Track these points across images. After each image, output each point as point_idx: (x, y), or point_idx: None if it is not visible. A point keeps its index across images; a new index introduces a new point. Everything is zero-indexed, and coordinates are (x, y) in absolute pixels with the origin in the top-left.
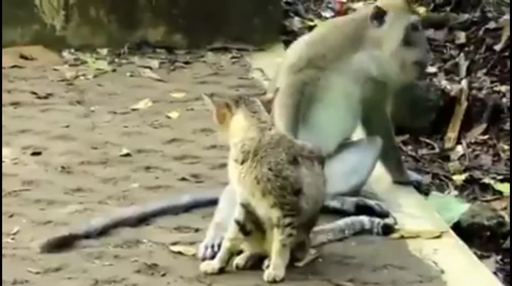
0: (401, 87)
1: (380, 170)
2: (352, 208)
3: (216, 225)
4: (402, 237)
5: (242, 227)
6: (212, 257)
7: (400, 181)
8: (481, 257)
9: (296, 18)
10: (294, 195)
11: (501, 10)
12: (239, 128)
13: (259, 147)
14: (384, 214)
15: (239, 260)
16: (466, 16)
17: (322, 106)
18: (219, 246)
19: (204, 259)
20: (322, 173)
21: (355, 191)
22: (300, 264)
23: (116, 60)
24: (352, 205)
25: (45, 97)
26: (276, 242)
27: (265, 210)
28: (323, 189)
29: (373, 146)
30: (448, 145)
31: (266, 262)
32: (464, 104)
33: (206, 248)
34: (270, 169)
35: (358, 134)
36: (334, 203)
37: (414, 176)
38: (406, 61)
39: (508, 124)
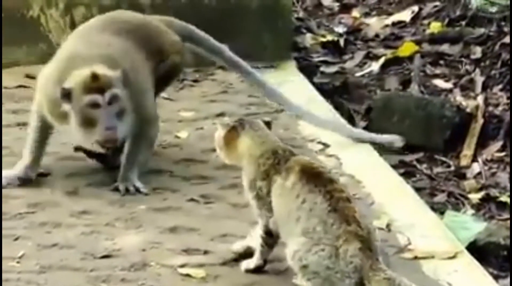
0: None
1: (393, 188)
2: None
3: None
4: (416, 257)
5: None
6: None
7: None
8: (497, 277)
9: (308, 34)
10: None
11: None
12: (246, 148)
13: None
14: None
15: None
16: (482, 30)
17: None
18: None
19: None
20: None
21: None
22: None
23: None
24: None
25: None
26: None
27: None
28: None
29: None
30: (464, 162)
31: None
32: (480, 120)
33: None
34: None
35: None
36: None
37: None
38: (89, 139)
39: None
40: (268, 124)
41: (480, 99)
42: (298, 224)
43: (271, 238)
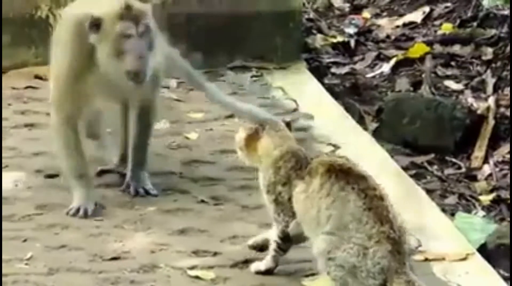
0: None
1: (404, 189)
2: None
3: None
4: (426, 259)
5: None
6: None
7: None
8: (508, 279)
9: (319, 35)
10: None
11: None
12: (266, 150)
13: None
14: None
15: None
16: (493, 31)
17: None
18: None
19: None
20: None
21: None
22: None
23: None
24: None
25: None
26: None
27: None
28: None
29: None
30: (475, 164)
31: None
32: (491, 122)
33: None
34: None
35: None
36: None
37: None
38: (118, 71)
39: None
40: (288, 125)
41: (491, 101)
42: (328, 223)
43: (286, 243)
